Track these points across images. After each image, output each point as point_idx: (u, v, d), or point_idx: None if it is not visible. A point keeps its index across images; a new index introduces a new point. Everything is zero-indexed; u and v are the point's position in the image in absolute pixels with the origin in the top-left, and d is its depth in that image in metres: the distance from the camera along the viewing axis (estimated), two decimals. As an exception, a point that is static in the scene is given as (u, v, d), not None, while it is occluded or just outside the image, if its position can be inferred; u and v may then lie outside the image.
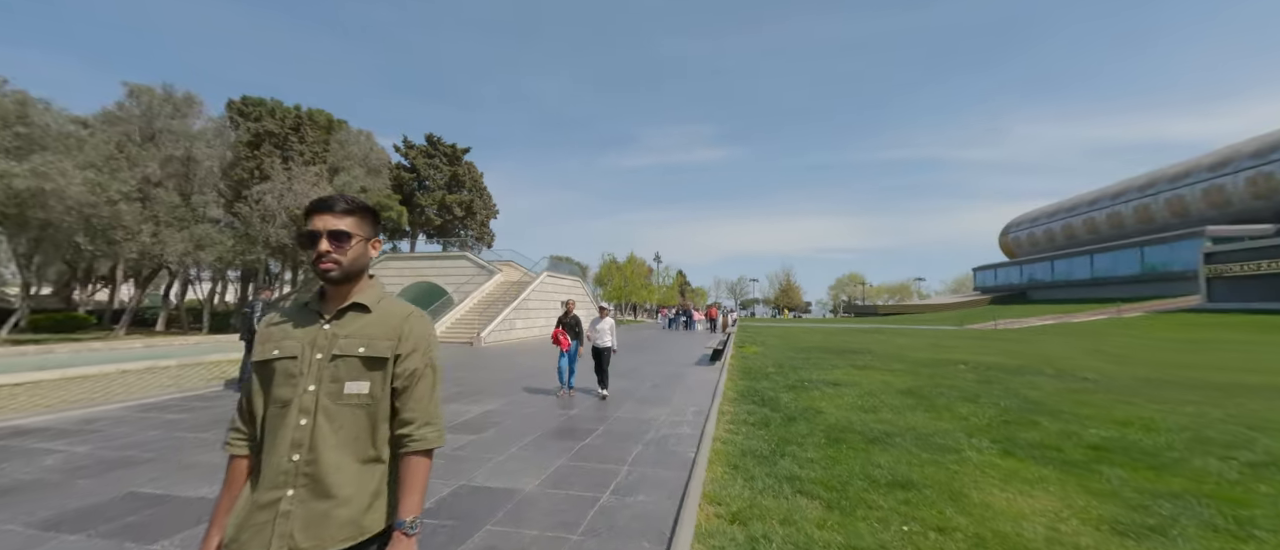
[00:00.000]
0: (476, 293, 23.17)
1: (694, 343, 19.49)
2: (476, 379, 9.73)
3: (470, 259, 25.57)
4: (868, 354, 13.83)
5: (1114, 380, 8.84)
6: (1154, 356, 13.56)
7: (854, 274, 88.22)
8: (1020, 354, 14.28)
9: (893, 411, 6.40)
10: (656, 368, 11.46)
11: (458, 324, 20.52)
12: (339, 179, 22.89)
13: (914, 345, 17.66)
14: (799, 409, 6.45)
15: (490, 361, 12.79)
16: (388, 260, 26.66)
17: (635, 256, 52.93)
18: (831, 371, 10.08)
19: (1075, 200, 59.16)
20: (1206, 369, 10.84)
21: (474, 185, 36.62)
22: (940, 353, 14.64)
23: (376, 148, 25.87)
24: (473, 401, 7.37)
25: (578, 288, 30.33)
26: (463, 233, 37.07)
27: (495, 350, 16.17)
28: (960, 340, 20.56)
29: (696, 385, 8.93)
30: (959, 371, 10.08)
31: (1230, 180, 40.48)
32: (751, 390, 8.01)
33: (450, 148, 34.41)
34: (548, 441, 5.15)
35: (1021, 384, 8.39)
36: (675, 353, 15.16)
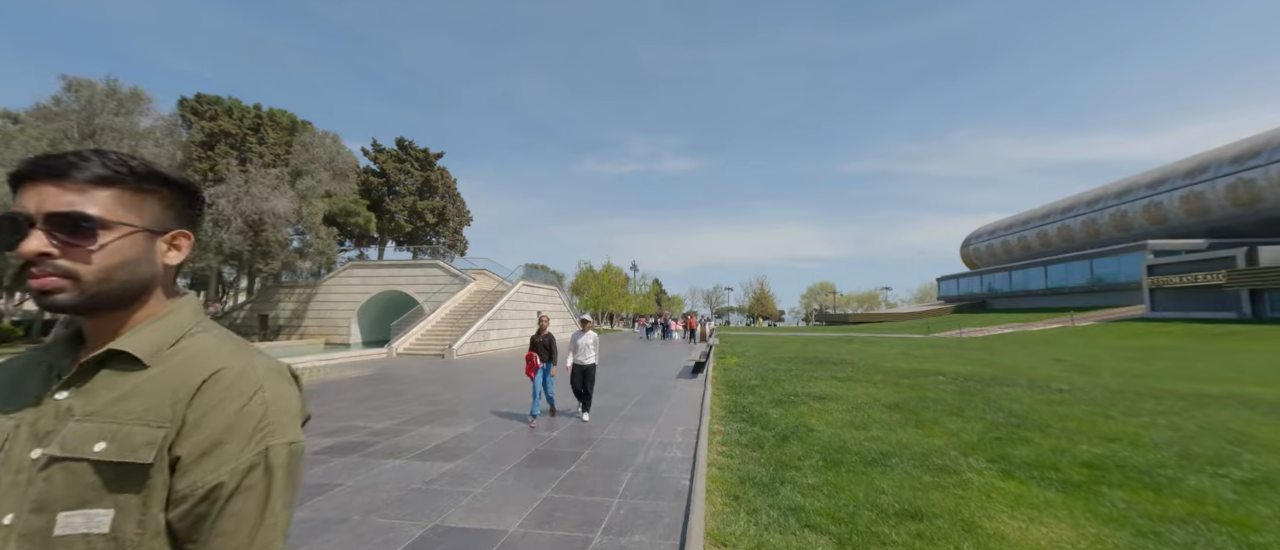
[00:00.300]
0: (449, 302, 22.33)
1: (673, 353, 19.26)
2: (449, 397, 9.17)
3: (442, 267, 24.69)
4: (847, 365, 13.89)
5: (1086, 391, 9.06)
6: (1114, 365, 14.14)
7: (825, 283, 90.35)
8: (991, 363, 14.65)
9: (883, 427, 6.29)
10: (639, 381, 11.14)
11: (428, 335, 19.66)
12: (302, 182, 21.75)
13: (888, 355, 17.93)
14: (790, 427, 6.26)
15: (463, 376, 12.19)
16: (354, 268, 25.46)
17: (612, 265, 52.56)
18: (815, 384, 10.00)
19: (1029, 214, 62.42)
20: (1165, 378, 11.32)
21: (447, 191, 35.63)
22: (915, 362, 14.87)
23: (343, 151, 24.79)
24: (446, 423, 6.87)
25: (554, 297, 29.77)
26: (435, 240, 35.95)
27: (468, 363, 15.50)
28: (930, 349, 21.06)
29: (682, 400, 8.66)
30: (938, 383, 10.17)
31: (1166, 198, 43.48)
32: (738, 406, 7.79)
33: (422, 152, 33.40)
34: (529, 470, 4.76)
35: (1000, 395, 8.49)
36: (656, 364, 14.88)
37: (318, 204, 21.62)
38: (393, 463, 5.02)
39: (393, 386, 10.48)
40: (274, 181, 19.58)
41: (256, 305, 26.22)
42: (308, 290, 25.77)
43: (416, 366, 14.65)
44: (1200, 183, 40.51)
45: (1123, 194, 48.37)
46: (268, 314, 25.88)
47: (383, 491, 4.18)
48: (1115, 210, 48.42)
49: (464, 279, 24.42)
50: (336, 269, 25.59)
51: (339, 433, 6.30)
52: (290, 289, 26.04)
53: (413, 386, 10.48)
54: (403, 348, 18.30)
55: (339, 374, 12.35)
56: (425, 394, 9.47)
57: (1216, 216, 39.79)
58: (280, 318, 25.79)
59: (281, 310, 25.87)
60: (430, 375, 12.51)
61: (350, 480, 4.50)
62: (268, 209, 19.10)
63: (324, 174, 22.81)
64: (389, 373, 13.01)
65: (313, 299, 25.65)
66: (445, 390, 9.96)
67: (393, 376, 12.22)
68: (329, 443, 5.82)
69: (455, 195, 36.69)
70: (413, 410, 7.81)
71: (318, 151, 22.92)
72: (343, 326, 24.97)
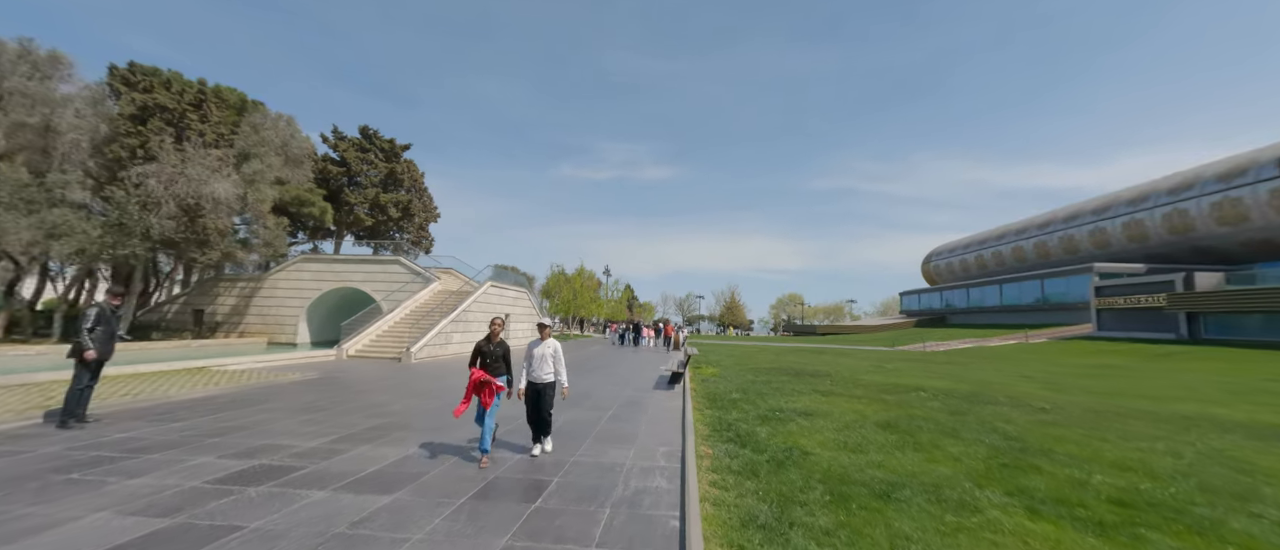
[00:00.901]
0: (409, 302, 20.91)
1: (646, 361, 18.58)
2: (400, 407, 8.14)
3: (404, 264, 23.19)
4: (825, 378, 13.57)
5: (1067, 410, 8.94)
6: (1078, 382, 14.41)
7: (794, 294, 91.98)
8: (964, 379, 14.68)
9: (881, 450, 5.79)
10: (613, 391, 10.38)
11: (385, 337, 18.24)
12: (249, 166, 19.90)
13: (862, 368, 17.84)
14: (782, 449, 5.68)
15: (420, 382, 11.08)
16: (305, 262, 23.58)
17: (585, 269, 51.54)
18: (798, 398, 9.53)
19: (986, 234, 65.45)
20: (1130, 396, 11.48)
21: (413, 185, 33.86)
22: (890, 376, 14.74)
23: (299, 135, 22.95)
24: (389, 441, 5.91)
25: (524, 300, 28.61)
26: (398, 236, 34.04)
27: (428, 368, 14.31)
28: (901, 363, 21.22)
29: (661, 415, 7.96)
30: (922, 400, 9.89)
31: (1110, 224, 46.30)
32: (723, 423, 7.17)
33: (388, 143, 31.61)
34: (484, 506, 3.95)
35: (989, 415, 8.22)
36: (630, 373, 14.15)
37: (266, 190, 19.79)
38: (315, 496, 4.09)
39: (336, 394, 9.33)
40: (215, 163, 17.73)
41: (192, 299, 23.88)
42: (252, 284, 23.68)
43: (368, 371, 13.38)
44: (1140, 211, 43.33)
45: (1071, 218, 51.30)
46: (204, 309, 23.61)
47: (292, 540, 3.28)
48: (1064, 233, 51.24)
49: (427, 277, 23.01)
50: (286, 262, 23.63)
51: (257, 453, 5.27)
52: (232, 282, 23.86)
53: (359, 394, 9.36)
54: (355, 349, 16.85)
55: (275, 378, 11.02)
56: (372, 404, 8.40)
57: (1154, 243, 42.62)
58: (218, 314, 23.57)
59: (220, 305, 23.65)
60: (382, 381, 11.34)
61: (255, 521, 3.57)
62: (207, 193, 17.26)
63: (275, 159, 20.97)
64: (335, 377, 11.74)
65: (257, 294, 23.58)
66: (397, 399, 8.91)
67: (338, 382, 10.99)
68: (240, 466, 4.80)
69: (422, 190, 34.93)
70: (353, 424, 6.79)
71: (269, 134, 21.06)
72: (290, 325, 23.03)
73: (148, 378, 10.23)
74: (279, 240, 21.68)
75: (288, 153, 22.04)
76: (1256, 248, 36.23)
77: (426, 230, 35.26)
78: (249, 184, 19.51)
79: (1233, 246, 37.59)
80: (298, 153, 22.52)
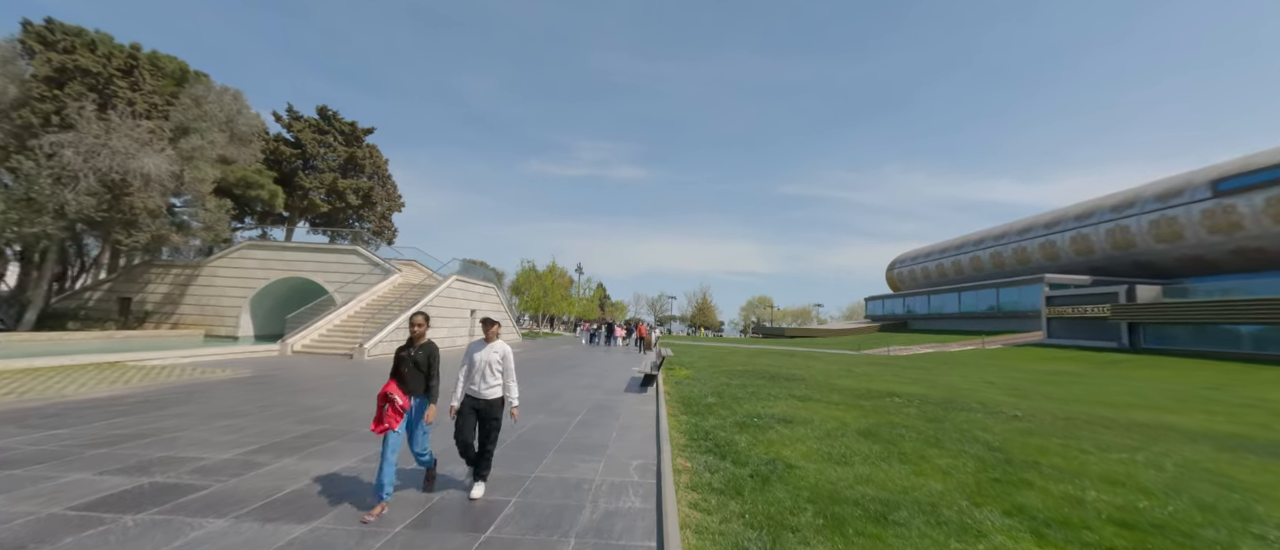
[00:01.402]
0: (366, 295, 19.58)
1: (617, 362, 18.01)
2: (340, 411, 7.28)
3: (362, 254, 21.76)
4: (799, 381, 13.37)
5: (1038, 418, 8.95)
6: (1041, 389, 14.77)
7: (763, 297, 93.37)
8: (932, 383, 14.81)
9: (866, 462, 5.44)
10: (581, 394, 9.77)
11: (337, 331, 16.96)
12: (188, 141, 18.11)
13: (833, 371, 17.85)
14: (765, 461, 5.24)
15: (368, 383, 10.14)
16: (250, 249, 21.78)
17: (557, 265, 50.44)
18: (775, 403, 9.18)
19: (946, 243, 68.17)
20: (1094, 403, 11.75)
21: (376, 172, 32.06)
22: (862, 380, 14.71)
23: (247, 112, 21.12)
24: (319, 453, 5.12)
25: (492, 295, 27.49)
26: (358, 225, 32.16)
27: (381, 366, 13.28)
28: (870, 367, 21.45)
29: (633, 421, 7.42)
30: (897, 405, 9.74)
31: (1059, 237, 48.90)
32: (700, 431, 6.69)
33: (348, 125, 29.78)
34: (423, 537, 3.29)
35: (966, 422, 8.08)
36: (600, 374, 13.55)
37: (206, 169, 18.03)
38: (211, 525, 3.33)
39: (268, 395, 8.34)
40: (145, 136, 15.97)
41: (118, 286, 21.67)
42: (189, 271, 21.69)
43: (312, 369, 12.26)
44: (1086, 226, 45.93)
45: (1024, 231, 53.95)
46: (132, 297, 21.47)
47: (161, 591, 2.55)
48: (1017, 245, 53.84)
49: (387, 269, 21.67)
50: (228, 248, 21.77)
51: (150, 468, 4.41)
52: (166, 269, 21.79)
53: (296, 395, 8.39)
54: (300, 344, 15.54)
55: (201, 376, 9.85)
56: (308, 407, 7.49)
57: (1098, 256, 45.26)
58: (149, 302, 21.48)
59: (151, 293, 21.56)
60: (325, 381, 10.33)
61: (119, 563, 2.80)
62: (134, 168, 15.50)
63: (218, 135, 19.18)
64: (272, 376, 10.63)
65: (194, 282, 21.62)
66: (338, 401, 8.01)
67: (275, 381, 9.92)
68: (123, 486, 3.95)
69: (386, 177, 33.14)
70: (280, 432, 5.93)
71: (212, 108, 19.23)
72: (230, 316, 21.22)
73: (44, 373, 8.91)
74: (220, 224, 19.89)
75: (233, 129, 20.26)
76: (1189, 263, 38.95)
77: (389, 220, 33.51)
78: (186, 161, 17.76)
79: (1168, 262, 40.29)
80: (245, 130, 20.74)
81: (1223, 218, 35.33)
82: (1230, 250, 35.79)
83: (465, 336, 22.98)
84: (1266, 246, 33.72)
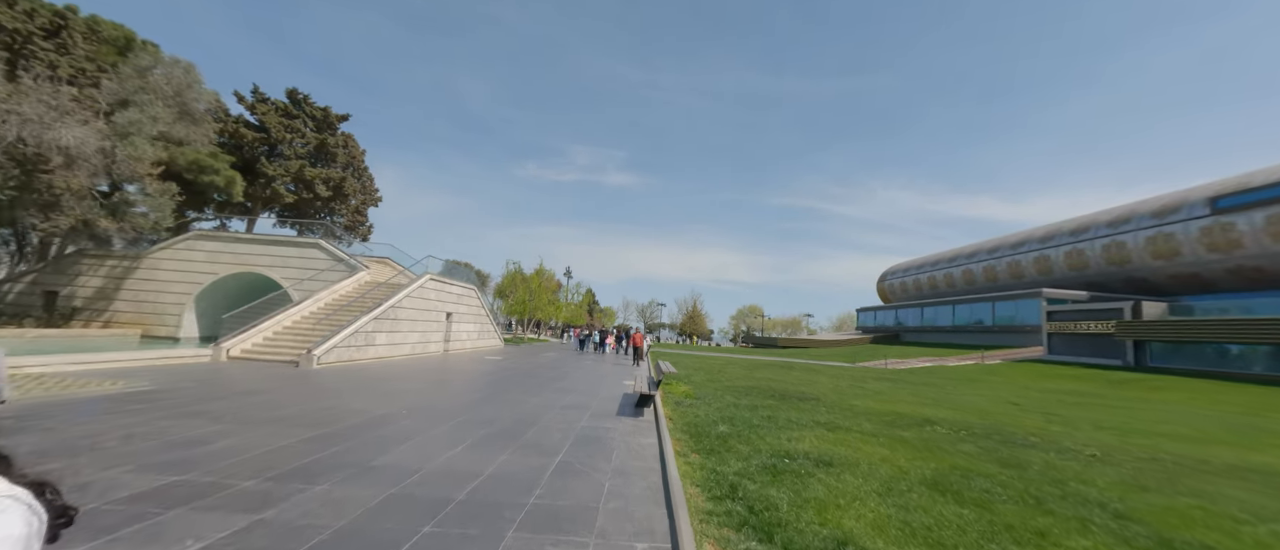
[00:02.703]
0: (326, 293, 17.48)
1: (606, 374, 16.20)
2: (222, 449, 5.32)
3: (325, 248, 19.64)
4: (815, 402, 11.71)
5: (1121, 459, 7.41)
6: (1075, 413, 13.33)
7: (753, 306, 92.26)
8: (958, 405, 13.29)
9: (955, 530, 3.78)
10: (564, 418, 7.95)
11: (286, 334, 14.86)
12: (125, 114, 15.94)
13: (843, 388, 16.28)
14: (827, 543, 3.52)
15: (309, 399, 8.18)
16: (197, 240, 19.51)
17: (545, 268, 48.42)
18: (801, 435, 7.49)
19: (939, 255, 67.82)
20: (1154, 435, 10.30)
21: (351, 162, 29.89)
22: (880, 401, 13.13)
23: (201, 88, 18.95)
24: (144, 532, 3.22)
25: (471, 297, 25.46)
26: (329, 218, 29.90)
27: (332, 377, 11.27)
28: (878, 382, 19.96)
29: (630, 463, 5.63)
30: (945, 439, 8.12)
31: (1053, 252, 48.51)
32: (721, 482, 4.95)
33: (321, 111, 27.63)
34: None
35: (1046, 466, 6.47)
36: (588, 390, 11.71)
37: (143, 146, 15.84)
38: None
39: (145, 420, 6.38)
40: (68, 104, 13.82)
41: (44, 278, 19.21)
42: (127, 263, 19.34)
43: (238, 381, 10.23)
44: (1082, 241, 45.55)
45: (1018, 245, 53.57)
46: (58, 291, 19.02)
47: None
48: (1011, 259, 53.42)
49: (353, 265, 19.59)
50: (173, 239, 19.48)
51: None
52: (100, 260, 19.40)
53: (183, 421, 6.44)
54: (240, 348, 13.44)
55: (82, 389, 7.82)
56: (184, 442, 5.55)
57: (1093, 272, 44.83)
58: (78, 297, 19.05)
59: (82, 286, 19.14)
60: (240, 399, 8.35)
61: None
62: (50, 139, 13.35)
63: (163, 110, 17.01)
64: (175, 390, 8.62)
65: (132, 275, 19.27)
66: (234, 432, 6.08)
67: (170, 399, 7.93)
68: None
69: (362, 169, 30.97)
70: (114, 485, 4.01)
71: (157, 80, 17.09)
72: (172, 315, 18.91)
73: None
74: (161, 210, 17.66)
75: (182, 104, 18.09)
76: (1184, 281, 38.55)
77: (364, 214, 31.29)
78: (121, 137, 15.57)
79: (1163, 279, 39.87)
80: (196, 106, 18.57)
81: (1221, 236, 34.93)
82: (1228, 269, 35.38)
83: (439, 343, 20.93)
84: (1266, 265, 33.30)
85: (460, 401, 9.16)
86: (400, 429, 6.61)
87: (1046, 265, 49.00)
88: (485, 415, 7.95)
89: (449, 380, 12.19)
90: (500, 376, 13.61)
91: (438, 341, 20.92)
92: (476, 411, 8.23)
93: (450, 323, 22.40)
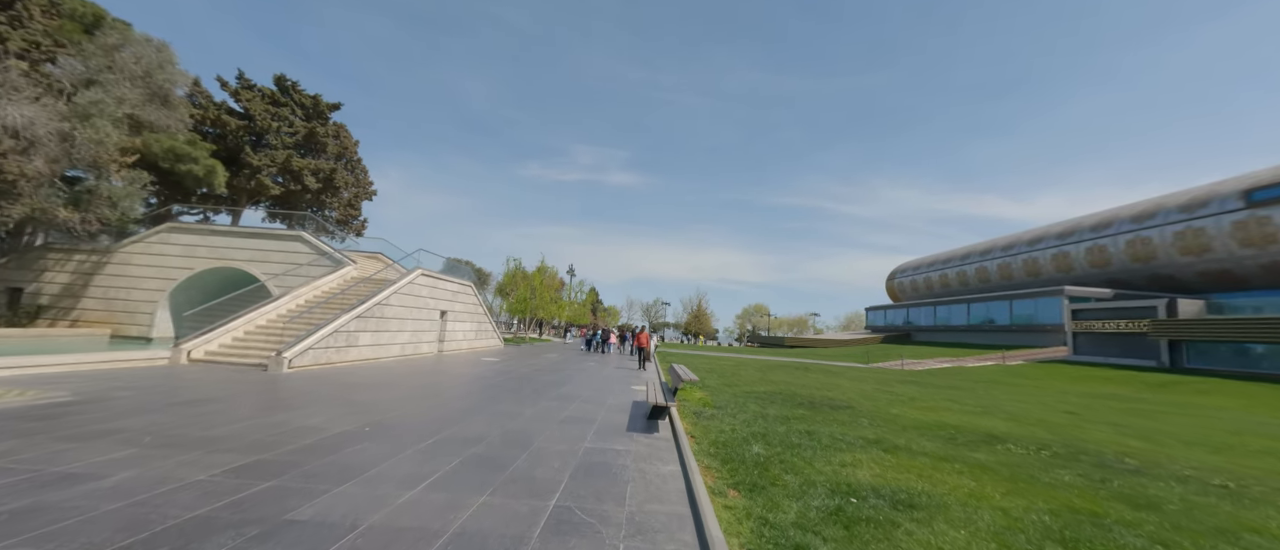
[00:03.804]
0: (306, 289, 16.12)
1: (611, 377, 14.79)
2: (141, 483, 3.84)
3: (307, 240, 18.29)
4: (849, 411, 10.27)
5: (1251, 488, 5.94)
6: (1140, 423, 11.84)
7: (759, 305, 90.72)
8: (1009, 413, 11.82)
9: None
10: (563, 435, 6.53)
11: (258, 333, 13.51)
12: (88, 94, 14.61)
13: (872, 393, 14.83)
14: None
15: (259, 413, 6.77)
16: (171, 232, 18.19)
17: (547, 265, 47.04)
18: (854, 459, 6.06)
19: (951, 253, 66.09)
20: (1246, 453, 8.81)
21: (343, 154, 28.56)
22: (922, 409, 11.68)
23: (174, 68, 17.59)
24: None
25: (467, 295, 24.09)
26: (319, 213, 28.57)
27: (303, 382, 9.89)
28: (905, 386, 18.48)
29: (652, 511, 4.19)
30: (1029, 462, 6.68)
31: (1074, 248, 46.80)
32: (780, 539, 3.53)
33: (310, 99, 26.28)
34: None
35: (1171, 498, 5.02)
36: (591, 398, 10.29)
37: (106, 128, 14.51)
38: None
39: (49, 442, 4.99)
40: (16, 80, 12.51)
41: (6, 273, 17.93)
42: (96, 258, 18.04)
43: (194, 386, 8.87)
44: (1104, 237, 43.84)
45: (1035, 242, 51.86)
46: (23, 288, 17.74)
47: None
48: (1028, 256, 51.72)
49: (339, 260, 18.23)
50: (146, 232, 18.16)
51: None
52: (67, 254, 18.10)
53: (98, 444, 5.06)
54: (204, 350, 12.09)
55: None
56: (80, 475, 4.15)
57: (1115, 269, 43.13)
58: (44, 294, 17.76)
59: (48, 283, 17.85)
60: (187, 411, 6.97)
61: None
62: (-5, 118, 12.04)
63: (131, 91, 15.69)
64: (113, 400, 7.25)
65: (102, 271, 17.97)
66: (159, 461, 4.68)
67: (100, 411, 6.56)
68: None
69: (355, 161, 29.63)
70: None
71: (125, 58, 15.76)
72: (144, 313, 17.60)
73: None
74: (129, 200, 16.34)
75: (153, 86, 16.73)
76: (1213, 278, 36.84)
77: (357, 208, 29.96)
78: (82, 118, 14.24)
79: (1191, 276, 38.16)
80: (167, 86, 17.20)
81: (1257, 230, 33.21)
82: (1263, 264, 33.66)
83: (433, 344, 19.56)
84: (1305, 261, 31.64)
85: (442, 413, 7.77)
86: (356, 455, 5.22)
87: (1066, 262, 47.30)
88: (468, 432, 6.55)
89: (435, 386, 10.80)
90: (494, 381, 12.22)
91: (431, 342, 19.55)
92: (459, 427, 6.83)
93: (444, 322, 21.03)
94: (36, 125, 12.64)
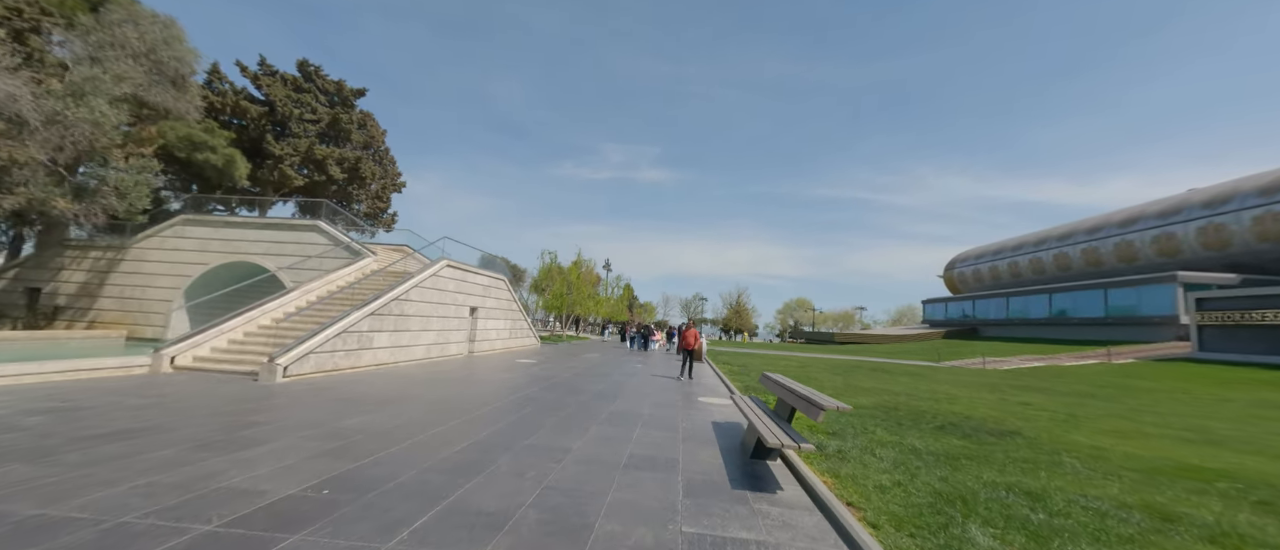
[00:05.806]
0: (319, 283, 14.34)
1: (666, 386, 12.23)
2: None
3: (324, 230, 16.61)
4: (1018, 439, 7.26)
5: None
6: None
7: (802, 299, 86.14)
8: (1244, 441, 8.43)
9: None
10: (634, 500, 3.94)
11: (263, 334, 11.71)
12: (79, 70, 13.24)
13: (998, 404, 11.60)
14: None
15: (192, 456, 4.52)
16: (186, 226, 16.92)
17: (583, 258, 44.99)
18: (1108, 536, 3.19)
19: (1020, 239, 59.82)
20: None
21: (370, 144, 27.21)
22: (1107, 435, 8.51)
23: (182, 46, 16.21)
24: None
25: (500, 289, 22.08)
26: (347, 207, 27.35)
27: (291, 398, 7.78)
28: (1028, 393, 14.99)
29: None
30: None
31: (1181, 228, 40.61)
32: None
33: (334, 84, 24.94)
34: None
35: None
36: (654, 413, 7.71)
37: (102, 108, 13.13)
38: None
39: None
40: None
41: (26, 273, 17.15)
42: (110, 254, 17.00)
43: (148, 406, 6.87)
44: (1222, 213, 37.67)
45: (1127, 223, 45.62)
46: (41, 287, 16.89)
47: None
48: (1120, 239, 45.56)
49: (357, 251, 16.46)
50: (160, 225, 16.97)
51: None
52: (82, 251, 17.16)
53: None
54: (191, 355, 10.31)
55: None
56: None
57: (1237, 250, 36.95)
58: (61, 294, 16.86)
59: (65, 282, 16.95)
60: (97, 449, 4.83)
61: None
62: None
63: (133, 68, 14.33)
64: (18, 427, 5.25)
65: (117, 268, 16.91)
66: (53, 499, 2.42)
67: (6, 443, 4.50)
68: None
69: (382, 151, 28.28)
70: None
71: (126, 33, 14.42)
72: (159, 312, 16.39)
73: None
74: (137, 190, 15.03)
75: (157, 63, 15.35)
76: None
77: (386, 200, 28.61)
78: (75, 96, 12.85)
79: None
80: (173, 65, 15.79)
81: None
82: None
83: (462, 344, 17.55)
84: None
85: (454, 451, 5.39)
86: (272, 566, 2.82)
87: (1171, 245, 41.12)
88: (488, 495, 4.09)
89: (458, 401, 8.53)
90: (531, 393, 9.87)
91: (460, 342, 17.55)
92: (474, 482, 4.40)
93: (475, 319, 19.02)
94: (19, 101, 11.26)
